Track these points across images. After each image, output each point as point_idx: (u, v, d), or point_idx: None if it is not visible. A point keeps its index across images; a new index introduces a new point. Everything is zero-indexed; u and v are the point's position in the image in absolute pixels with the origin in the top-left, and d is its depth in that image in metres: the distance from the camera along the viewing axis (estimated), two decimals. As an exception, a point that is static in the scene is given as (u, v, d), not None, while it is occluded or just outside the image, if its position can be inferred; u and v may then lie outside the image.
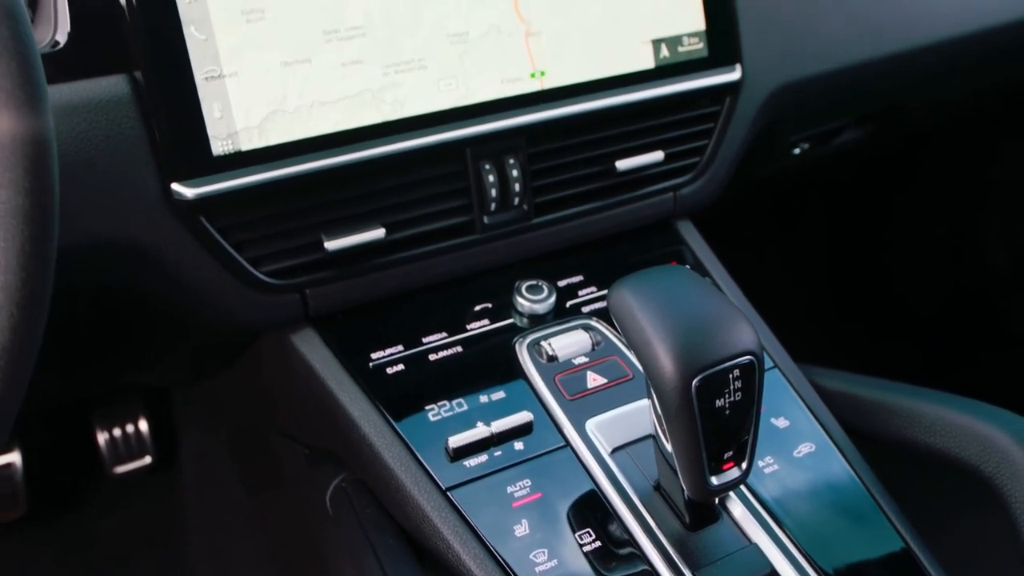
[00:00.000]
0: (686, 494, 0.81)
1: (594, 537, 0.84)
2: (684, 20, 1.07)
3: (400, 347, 0.97)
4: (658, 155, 1.09)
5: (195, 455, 1.64)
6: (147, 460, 1.67)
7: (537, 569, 0.81)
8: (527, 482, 0.87)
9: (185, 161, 0.84)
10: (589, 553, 0.83)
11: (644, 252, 1.14)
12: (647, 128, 1.08)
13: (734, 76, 1.11)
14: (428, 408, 0.92)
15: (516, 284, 1.03)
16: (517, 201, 1.01)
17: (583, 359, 0.97)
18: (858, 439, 1.00)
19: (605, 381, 0.95)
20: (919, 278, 2.16)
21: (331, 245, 0.92)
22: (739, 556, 0.83)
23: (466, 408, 0.92)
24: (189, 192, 0.84)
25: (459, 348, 0.98)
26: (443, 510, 0.84)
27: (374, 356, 0.96)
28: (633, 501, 0.86)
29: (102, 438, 1.65)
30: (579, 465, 0.89)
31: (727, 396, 0.73)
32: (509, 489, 0.86)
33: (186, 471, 1.64)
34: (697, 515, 0.84)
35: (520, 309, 1.02)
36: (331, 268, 0.95)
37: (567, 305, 1.05)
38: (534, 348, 0.98)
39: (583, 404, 0.93)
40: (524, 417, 0.90)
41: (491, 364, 0.97)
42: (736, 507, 0.87)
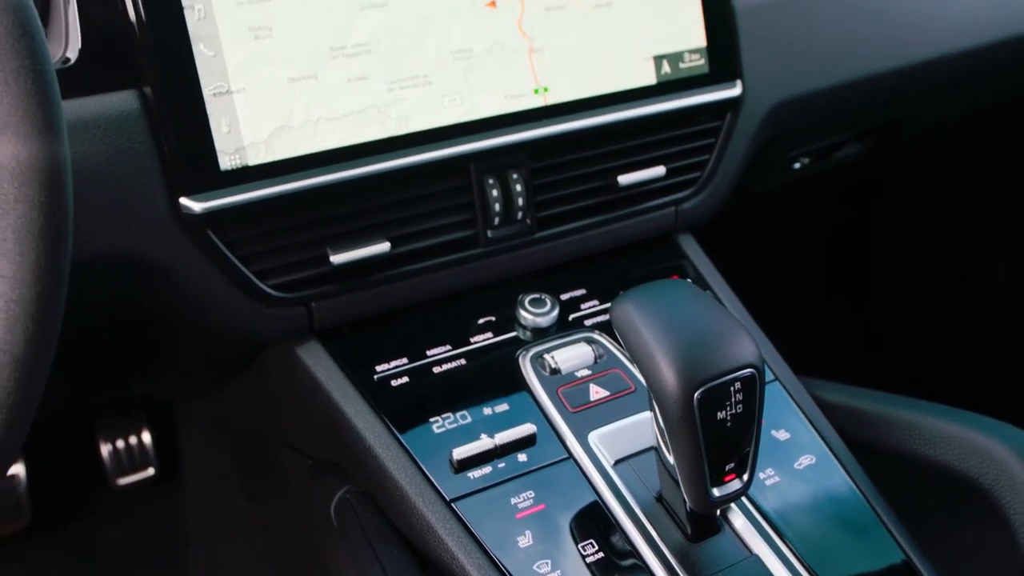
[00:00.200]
0: (688, 505, 0.81)
1: (597, 548, 0.84)
2: (685, 37, 1.08)
3: (404, 360, 0.98)
4: (659, 170, 1.09)
5: (198, 467, 1.63)
6: (150, 472, 1.66)
7: (540, 580, 0.82)
8: (530, 494, 0.87)
9: (193, 176, 0.85)
10: (592, 564, 0.83)
11: (645, 266, 1.15)
12: (649, 143, 1.09)
13: (735, 92, 1.12)
14: (432, 420, 0.92)
15: (519, 297, 1.04)
16: (520, 215, 1.02)
17: (586, 372, 0.98)
18: (858, 451, 1.00)
19: (607, 394, 0.96)
20: (918, 290, 2.16)
21: (337, 259, 0.92)
22: (740, 567, 0.84)
23: (470, 420, 0.92)
24: (197, 206, 0.85)
25: (463, 361, 0.99)
26: (447, 521, 0.85)
27: (379, 369, 0.96)
28: (635, 512, 0.86)
29: (105, 449, 1.64)
30: (582, 477, 0.90)
31: (728, 408, 0.74)
32: (513, 500, 0.87)
33: (189, 483, 1.64)
34: (699, 526, 0.85)
35: (523, 322, 1.03)
36: (336, 281, 0.95)
37: (570, 318, 1.05)
38: (537, 361, 0.98)
39: (586, 416, 0.94)
40: (527, 429, 0.91)
41: (494, 377, 0.97)
42: (737, 519, 0.87)
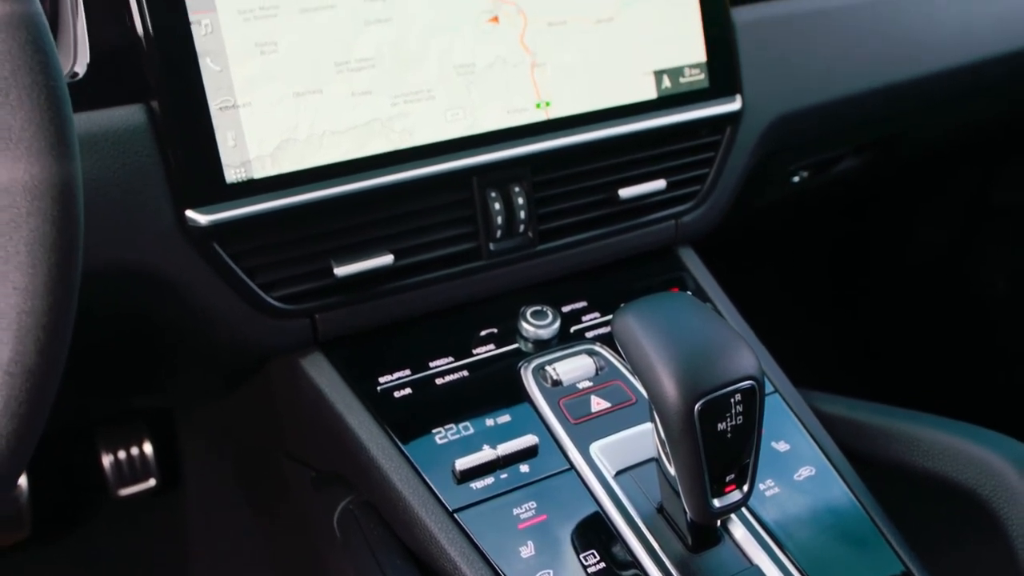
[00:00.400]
0: (689, 516, 0.82)
1: (598, 558, 0.85)
2: (685, 52, 1.09)
3: (407, 371, 0.98)
4: (660, 183, 1.10)
5: (199, 477, 1.63)
6: (151, 482, 1.67)
7: (542, 590, 0.82)
8: (532, 504, 0.88)
9: (199, 188, 0.86)
10: (593, 574, 0.84)
11: (646, 278, 1.16)
12: (649, 157, 1.10)
13: (734, 106, 1.13)
14: (435, 431, 0.93)
15: (521, 310, 1.04)
16: (522, 228, 1.03)
17: (587, 383, 0.98)
18: (857, 463, 1.00)
19: (609, 405, 0.97)
20: (917, 301, 2.17)
21: (341, 271, 0.93)
22: (741, 578, 0.84)
23: (472, 431, 0.93)
24: (203, 219, 0.86)
25: (465, 372, 1.00)
26: (450, 531, 0.85)
27: (382, 380, 0.97)
28: (636, 523, 0.87)
29: (106, 460, 1.64)
30: (583, 488, 0.90)
31: (729, 420, 0.74)
32: (515, 511, 0.87)
33: (190, 493, 1.64)
34: (699, 537, 0.85)
35: (525, 334, 1.03)
36: (340, 293, 0.96)
37: (571, 330, 1.06)
38: (539, 372, 0.99)
39: (587, 428, 0.94)
40: (529, 440, 0.92)
41: (497, 388, 0.98)
42: (738, 529, 0.88)
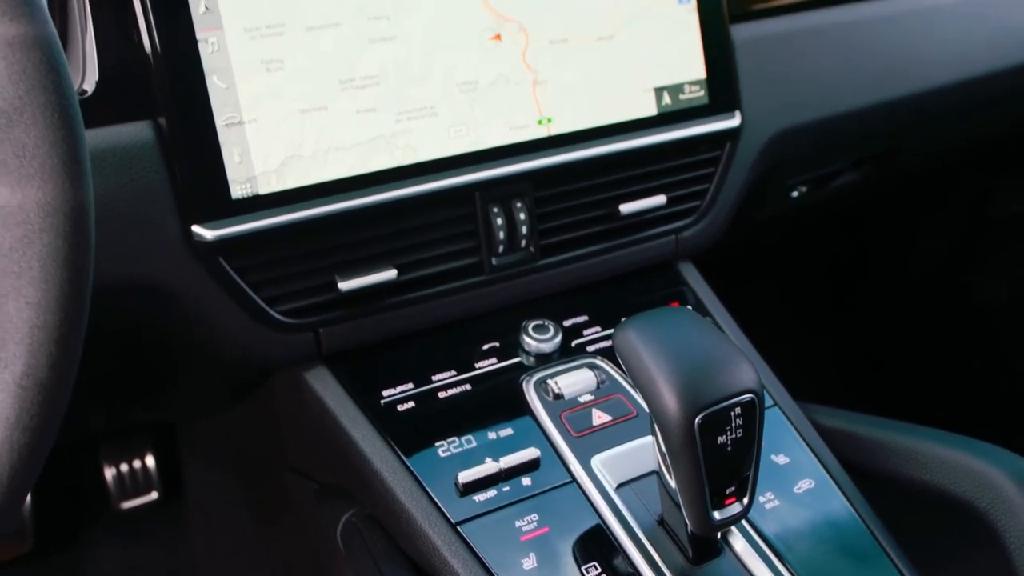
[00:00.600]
0: (689, 528, 0.82)
1: (600, 571, 0.85)
2: (685, 69, 1.10)
3: (410, 385, 0.99)
4: (660, 199, 1.11)
5: (202, 491, 1.64)
6: (154, 495, 1.67)
7: (544, 602, 0.83)
8: (535, 517, 0.88)
9: (205, 204, 0.87)
10: (595, 586, 0.84)
11: (647, 293, 1.16)
12: (650, 173, 1.11)
13: (734, 123, 1.14)
14: (438, 444, 0.93)
15: (523, 324, 1.05)
16: (524, 243, 1.04)
17: (588, 397, 0.99)
18: (856, 475, 1.01)
19: (610, 418, 0.97)
20: (917, 314, 2.17)
21: (345, 286, 0.94)
22: (741, 589, 0.85)
23: (475, 444, 0.93)
24: (209, 234, 0.87)
25: (468, 386, 1.00)
26: (453, 544, 0.86)
27: (385, 393, 0.98)
28: (637, 535, 0.87)
29: (109, 473, 1.65)
30: (585, 500, 0.91)
31: (729, 433, 0.75)
32: (517, 524, 0.88)
33: (193, 506, 1.64)
34: (700, 549, 0.86)
35: (527, 348, 1.04)
36: (344, 308, 0.97)
37: (572, 344, 1.07)
38: (540, 386, 1.00)
39: (589, 441, 0.95)
40: (531, 453, 0.92)
41: (499, 402, 0.98)
42: (738, 541, 0.88)
